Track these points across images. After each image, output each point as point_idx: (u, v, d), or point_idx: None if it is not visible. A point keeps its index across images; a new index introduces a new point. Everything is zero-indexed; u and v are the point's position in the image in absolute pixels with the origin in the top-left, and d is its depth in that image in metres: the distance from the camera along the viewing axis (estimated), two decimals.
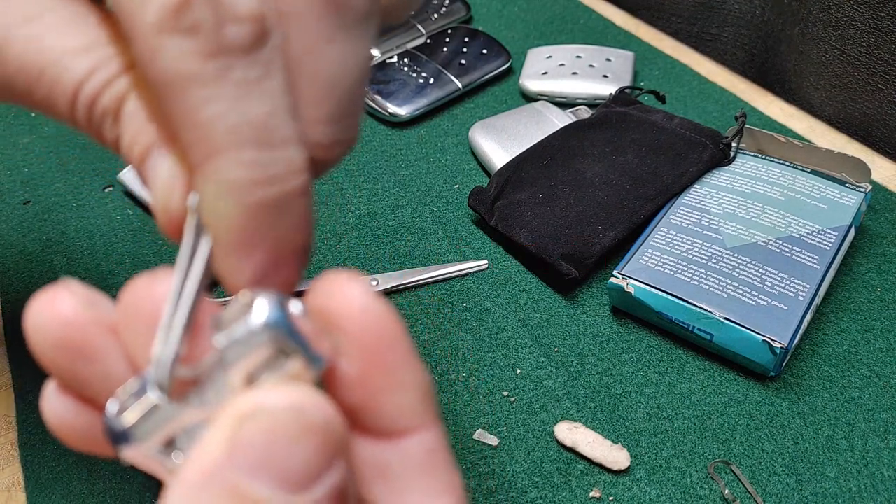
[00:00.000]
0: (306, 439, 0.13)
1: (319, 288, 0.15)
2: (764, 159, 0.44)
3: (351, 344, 0.15)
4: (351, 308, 0.15)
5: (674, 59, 0.57)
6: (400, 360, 0.15)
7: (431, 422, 0.15)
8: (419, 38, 0.59)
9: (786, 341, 0.34)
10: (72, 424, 0.16)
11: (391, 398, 0.15)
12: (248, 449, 0.12)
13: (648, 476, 0.33)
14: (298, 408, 0.13)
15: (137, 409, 0.14)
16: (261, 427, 0.13)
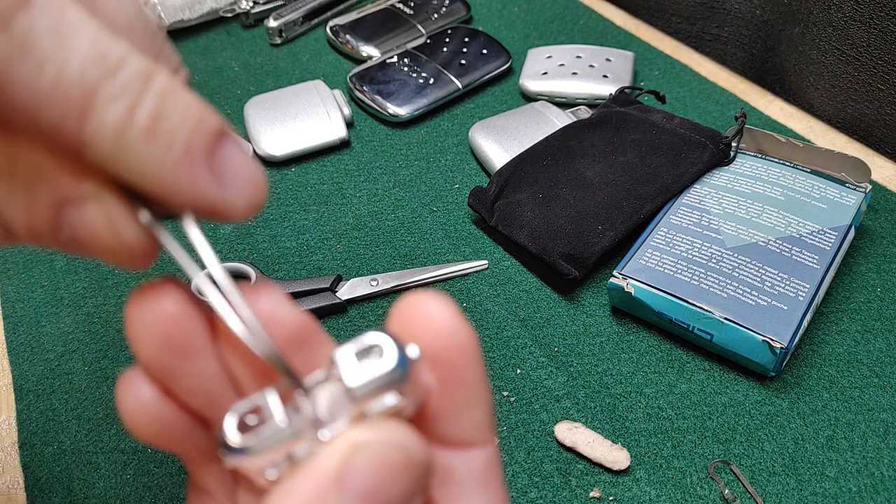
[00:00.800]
0: (406, 474, 0.14)
1: (403, 306, 0.16)
2: (764, 159, 0.44)
3: (433, 360, 0.16)
4: (436, 326, 0.16)
5: (674, 59, 0.57)
6: (477, 378, 0.16)
7: (493, 438, 0.17)
8: (419, 39, 0.59)
9: (786, 341, 0.34)
10: (148, 413, 0.16)
11: (466, 412, 0.16)
12: (357, 476, 0.14)
13: (648, 476, 0.33)
14: (405, 445, 0.14)
15: (262, 430, 0.15)
16: (370, 458, 0.14)
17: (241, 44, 0.62)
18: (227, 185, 0.14)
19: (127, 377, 0.16)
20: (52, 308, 0.42)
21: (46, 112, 0.13)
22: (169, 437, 0.16)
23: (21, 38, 0.12)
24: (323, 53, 0.61)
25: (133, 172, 0.13)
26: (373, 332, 0.15)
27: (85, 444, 0.36)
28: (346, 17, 0.62)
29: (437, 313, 0.16)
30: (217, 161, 0.14)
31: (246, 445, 0.15)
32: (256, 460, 0.15)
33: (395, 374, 0.15)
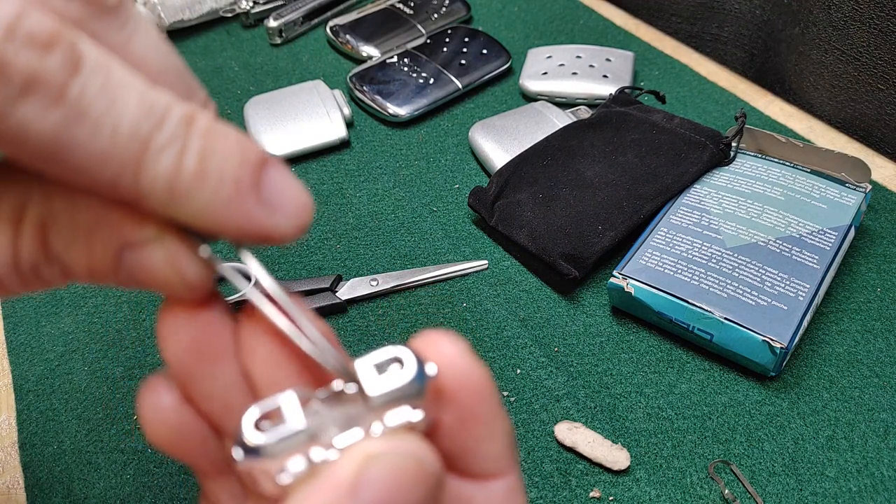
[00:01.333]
0: (420, 485, 0.14)
1: (420, 346, 0.16)
2: (764, 159, 0.44)
3: (452, 398, 0.16)
4: (455, 367, 0.16)
5: (674, 59, 0.57)
6: (493, 414, 0.17)
7: (514, 467, 0.17)
8: (419, 39, 0.59)
9: (786, 341, 0.34)
10: (167, 419, 0.17)
11: (483, 446, 0.17)
12: (371, 486, 0.14)
13: (648, 476, 0.33)
14: (419, 457, 0.15)
15: (280, 431, 0.15)
16: (385, 468, 0.14)
17: (241, 44, 0.62)
18: (276, 211, 0.15)
19: (149, 384, 0.17)
20: (52, 308, 0.42)
21: (104, 170, 0.13)
22: (185, 446, 0.17)
23: (76, 103, 0.13)
24: (323, 53, 0.61)
25: (189, 214, 0.14)
26: (394, 345, 0.16)
27: (85, 444, 0.36)
28: (346, 17, 0.62)
29: (450, 353, 0.16)
30: (264, 189, 0.15)
31: (261, 445, 0.15)
32: (269, 462, 0.15)
33: (413, 386, 0.15)
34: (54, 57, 0.12)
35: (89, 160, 0.13)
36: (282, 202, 0.15)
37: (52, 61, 0.12)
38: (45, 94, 0.12)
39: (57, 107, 0.12)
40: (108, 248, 0.15)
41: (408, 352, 0.15)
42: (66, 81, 0.13)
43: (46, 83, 0.12)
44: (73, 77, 0.13)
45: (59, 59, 0.13)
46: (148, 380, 0.17)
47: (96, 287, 0.43)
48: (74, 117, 0.13)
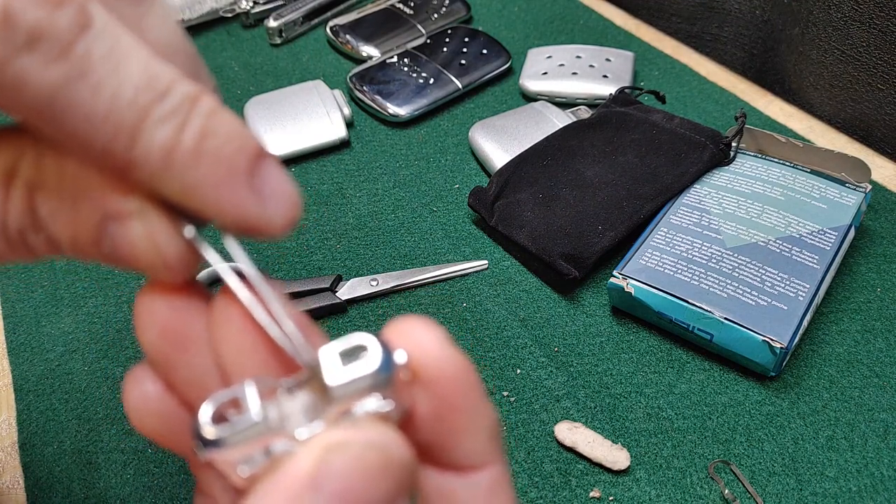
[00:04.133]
0: (386, 476, 0.14)
1: (393, 334, 0.16)
2: (764, 159, 0.44)
3: (428, 388, 0.15)
4: (429, 355, 0.15)
5: (674, 59, 0.57)
6: (474, 404, 0.16)
7: (498, 459, 0.17)
8: (419, 39, 0.59)
9: (786, 341, 0.34)
10: (151, 408, 0.16)
11: (464, 438, 0.16)
12: (332, 478, 0.13)
13: (648, 476, 0.33)
14: (383, 446, 0.14)
15: (236, 422, 0.14)
16: (347, 459, 0.13)
17: (241, 44, 0.62)
18: (267, 202, 0.15)
19: (133, 373, 0.17)
20: (52, 308, 0.42)
21: (99, 133, 0.13)
22: (170, 434, 0.17)
23: (80, 62, 0.13)
24: (323, 53, 0.61)
25: (178, 190, 0.14)
26: (359, 332, 0.15)
27: (85, 444, 0.36)
28: (346, 17, 0.62)
29: (425, 340, 0.15)
30: (258, 180, 0.15)
31: (218, 437, 0.14)
32: (229, 454, 0.14)
33: (378, 377, 0.14)
34: (64, 14, 0.13)
35: (85, 121, 0.13)
36: (273, 195, 0.15)
37: (61, 18, 0.12)
38: (49, 49, 0.12)
39: (59, 63, 0.13)
40: (91, 217, 0.15)
41: (373, 339, 0.15)
42: (73, 40, 0.13)
43: (52, 38, 0.12)
44: (79, 36, 0.13)
45: (68, 16, 0.13)
46: (132, 369, 0.17)
47: (96, 286, 0.43)
48: (76, 76, 0.13)
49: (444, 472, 0.16)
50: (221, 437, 0.14)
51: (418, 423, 0.16)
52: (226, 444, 0.14)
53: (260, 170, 0.15)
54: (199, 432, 0.14)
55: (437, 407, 0.15)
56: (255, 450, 0.14)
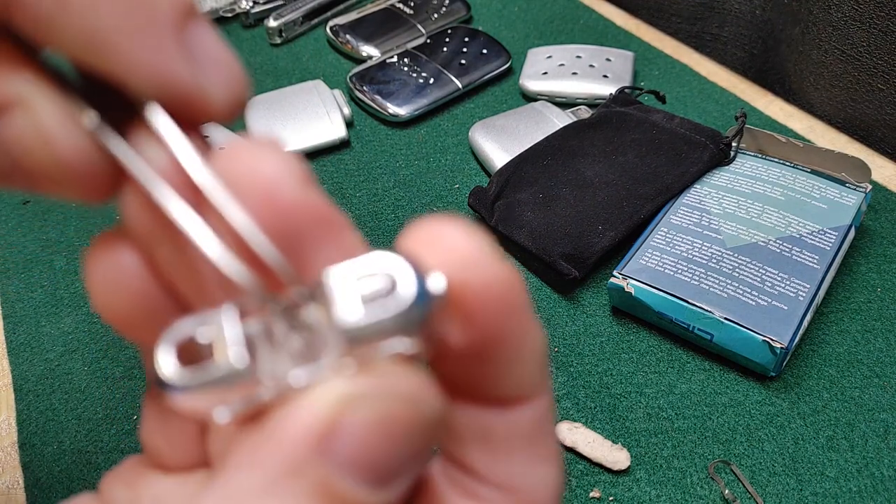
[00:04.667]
0: (416, 435, 0.11)
1: (420, 245, 0.12)
2: (764, 159, 0.44)
3: (470, 316, 0.12)
4: (472, 275, 0.12)
5: (674, 59, 0.57)
6: (522, 330, 0.12)
7: (546, 388, 0.13)
8: (419, 38, 0.59)
9: (786, 341, 0.34)
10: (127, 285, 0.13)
11: (509, 370, 0.13)
12: (347, 440, 0.10)
13: (648, 476, 0.33)
14: (413, 399, 0.11)
15: (210, 367, 0.11)
16: (368, 416, 0.10)
17: (241, 44, 0.62)
18: (201, 69, 0.12)
19: (104, 239, 0.13)
20: (51, 308, 0.42)
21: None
22: (145, 325, 0.13)
23: None
24: (323, 53, 0.61)
25: (80, 40, 0.11)
26: (383, 251, 0.11)
27: (85, 444, 0.36)
28: (346, 16, 0.62)
29: (463, 251, 0.12)
30: (188, 38, 0.11)
31: (186, 384, 0.11)
32: (201, 400, 0.11)
33: (411, 313, 0.11)
34: None
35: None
36: (209, 60, 0.12)
37: None
38: None
39: None
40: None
41: (401, 262, 0.11)
42: None
43: None
44: None
45: None
46: (101, 235, 0.13)
47: None
48: None
49: (479, 408, 0.13)
50: (188, 384, 0.11)
51: (452, 356, 0.12)
52: (195, 390, 0.11)
53: (191, 28, 0.12)
54: (159, 373, 0.11)
55: (480, 336, 0.12)
56: (235, 395, 0.11)
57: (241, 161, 0.11)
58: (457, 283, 0.12)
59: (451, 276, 0.12)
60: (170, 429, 0.15)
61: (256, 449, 0.11)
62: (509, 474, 0.13)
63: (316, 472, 0.10)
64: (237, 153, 0.11)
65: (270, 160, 0.11)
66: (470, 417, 0.13)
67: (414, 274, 0.11)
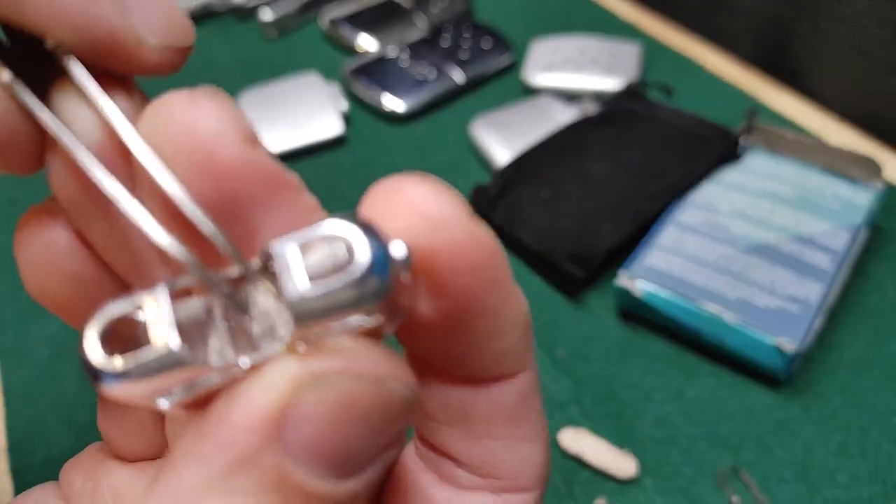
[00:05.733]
0: (381, 418, 0.10)
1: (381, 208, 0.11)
2: (774, 157, 0.44)
3: (441, 285, 0.11)
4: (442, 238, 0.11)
5: (682, 53, 0.57)
6: (503, 298, 0.11)
7: (530, 362, 0.13)
8: (419, 31, 0.58)
9: (797, 345, 0.34)
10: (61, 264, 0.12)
11: (488, 344, 0.12)
12: (302, 426, 0.09)
13: (656, 484, 0.33)
14: (377, 377, 0.10)
15: (143, 352, 0.10)
16: (328, 399, 0.10)
17: (236, 37, 0.62)
18: (133, 11, 0.11)
19: (34, 214, 0.12)
20: (39, 311, 0.42)
21: None
22: (83, 309, 0.12)
23: None
24: (319, 47, 0.61)
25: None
26: (337, 218, 0.10)
27: (74, 449, 0.36)
28: (343, 8, 0.62)
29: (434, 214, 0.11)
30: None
31: (117, 370, 0.10)
32: (136, 387, 0.10)
33: (368, 284, 0.10)
34: None
35: None
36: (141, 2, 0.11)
37: None
38: None
39: None
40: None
41: (356, 230, 0.10)
42: None
43: None
44: None
45: None
46: (31, 209, 0.12)
47: None
48: None
49: (456, 386, 0.12)
50: (119, 370, 0.10)
51: (422, 330, 0.11)
52: (129, 377, 0.10)
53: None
54: (87, 361, 0.10)
55: (454, 307, 0.11)
56: (176, 381, 0.10)
57: (172, 116, 0.10)
58: (425, 248, 0.10)
59: (418, 241, 0.10)
60: (125, 418, 0.14)
61: (201, 439, 0.10)
62: (491, 457, 0.13)
63: (268, 463, 0.09)
64: (167, 107, 0.10)
65: (206, 114, 0.10)
66: (446, 397, 0.12)
67: (368, 240, 0.10)
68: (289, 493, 0.10)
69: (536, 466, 0.13)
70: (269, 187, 0.11)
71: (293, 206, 0.11)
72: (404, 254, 0.10)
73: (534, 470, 0.13)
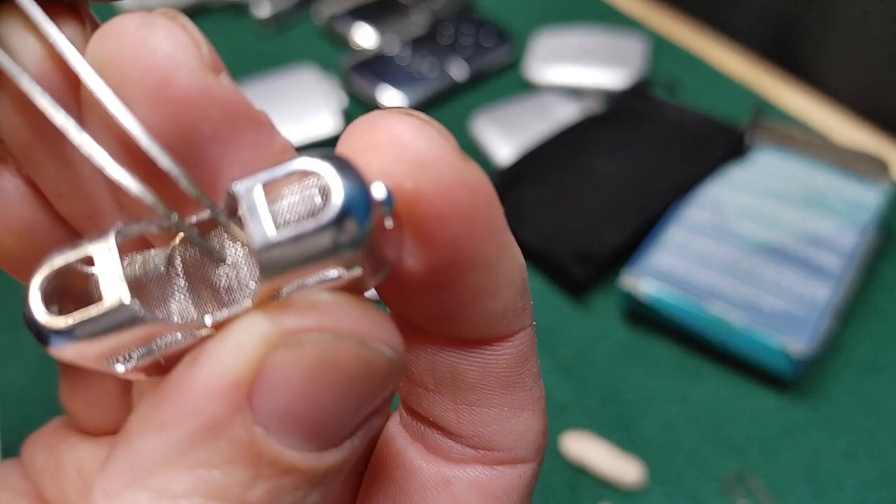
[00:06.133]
0: (364, 382, 0.09)
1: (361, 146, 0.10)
2: (781, 155, 0.44)
3: (428, 233, 0.10)
4: (430, 179, 0.09)
5: (688, 48, 0.57)
6: (497, 249, 0.10)
7: (526, 322, 0.12)
8: (419, 26, 0.58)
9: (804, 347, 0.34)
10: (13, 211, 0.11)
11: (481, 302, 0.11)
12: (276, 391, 0.09)
13: (660, 488, 0.33)
14: (360, 336, 0.09)
15: (91, 309, 0.09)
16: (304, 360, 0.09)
17: (232, 32, 0.62)
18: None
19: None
20: None
21: None
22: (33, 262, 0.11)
23: None
24: (317, 42, 0.60)
25: None
26: (309, 156, 0.09)
27: None
28: (341, 3, 0.61)
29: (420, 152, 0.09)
30: None
31: (62, 328, 0.09)
32: (87, 348, 0.09)
33: (344, 229, 0.09)
34: None
35: None
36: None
37: None
38: None
39: None
40: None
41: (328, 167, 0.09)
42: None
43: None
44: None
45: None
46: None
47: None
48: None
49: (445, 349, 0.11)
50: (65, 328, 0.09)
51: (408, 286, 0.10)
52: (77, 336, 0.09)
53: None
54: (31, 318, 0.09)
55: (443, 260, 0.10)
56: (130, 342, 0.09)
57: (122, 39, 0.09)
58: (409, 190, 0.09)
59: (401, 181, 0.09)
60: (88, 388, 0.13)
61: (160, 406, 0.09)
62: (484, 427, 0.12)
63: (237, 432, 0.09)
64: (117, 30, 0.09)
65: (160, 36, 0.09)
66: (434, 360, 0.11)
67: (343, 179, 0.09)
68: (262, 466, 0.09)
69: (534, 436, 0.12)
70: (234, 122, 0.10)
71: (262, 144, 0.10)
72: (385, 195, 0.09)
73: (531, 440, 0.12)
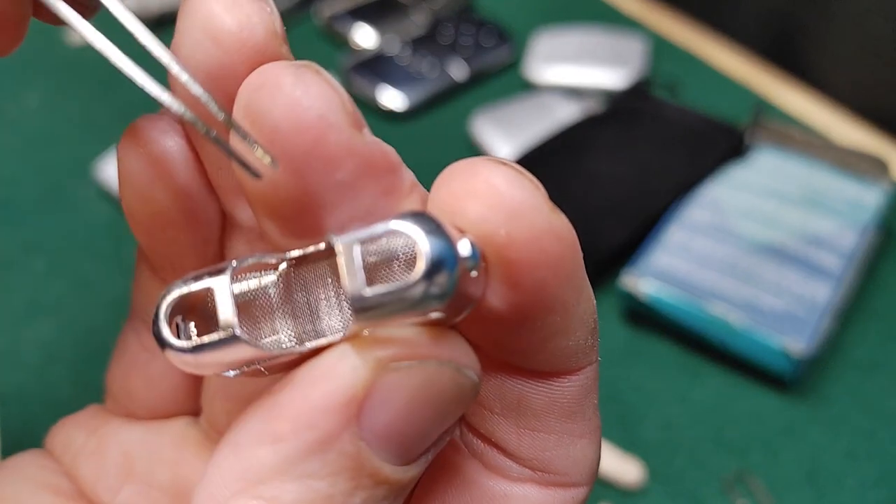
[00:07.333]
0: (454, 404, 0.10)
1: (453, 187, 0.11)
2: (781, 155, 0.45)
3: (513, 278, 0.11)
4: (514, 224, 0.10)
5: (688, 48, 0.57)
6: (576, 294, 0.11)
7: (593, 358, 0.12)
8: (419, 27, 0.59)
9: (804, 347, 0.34)
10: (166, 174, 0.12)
11: (556, 340, 0.11)
12: (385, 409, 0.10)
13: (660, 488, 0.34)
14: (459, 365, 0.10)
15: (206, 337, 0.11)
16: (411, 383, 0.10)
17: None
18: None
19: (148, 122, 0.12)
20: (31, 314, 0.43)
21: None
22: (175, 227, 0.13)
23: None
24: (317, 42, 0.61)
25: None
26: (399, 219, 0.10)
27: None
28: (341, 3, 0.62)
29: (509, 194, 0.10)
30: None
31: (185, 347, 0.11)
32: (201, 362, 0.11)
33: (429, 289, 0.10)
34: None
35: None
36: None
37: None
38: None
39: None
40: None
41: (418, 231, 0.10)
42: None
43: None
44: None
45: None
46: (143, 118, 0.12)
47: (77, 291, 0.44)
48: None
49: (515, 378, 0.12)
50: (187, 347, 0.11)
51: (489, 322, 0.11)
52: (195, 354, 0.11)
53: None
54: (158, 329, 0.11)
55: (526, 302, 0.11)
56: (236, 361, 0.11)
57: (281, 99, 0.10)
58: (501, 238, 0.10)
59: (497, 230, 0.10)
60: (151, 370, 0.14)
61: (272, 418, 0.10)
62: (543, 451, 0.13)
63: (345, 446, 0.10)
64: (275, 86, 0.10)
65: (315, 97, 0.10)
66: (503, 387, 0.12)
67: (431, 244, 0.10)
68: (362, 477, 0.10)
69: (589, 463, 0.13)
70: (370, 172, 0.11)
71: (393, 188, 0.11)
72: (470, 251, 0.10)
73: (586, 466, 0.13)
